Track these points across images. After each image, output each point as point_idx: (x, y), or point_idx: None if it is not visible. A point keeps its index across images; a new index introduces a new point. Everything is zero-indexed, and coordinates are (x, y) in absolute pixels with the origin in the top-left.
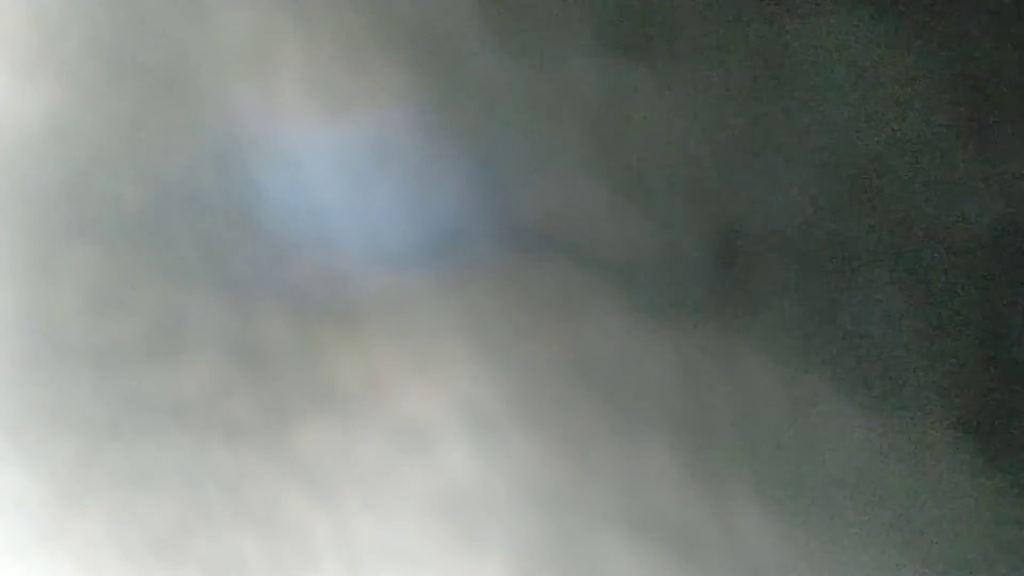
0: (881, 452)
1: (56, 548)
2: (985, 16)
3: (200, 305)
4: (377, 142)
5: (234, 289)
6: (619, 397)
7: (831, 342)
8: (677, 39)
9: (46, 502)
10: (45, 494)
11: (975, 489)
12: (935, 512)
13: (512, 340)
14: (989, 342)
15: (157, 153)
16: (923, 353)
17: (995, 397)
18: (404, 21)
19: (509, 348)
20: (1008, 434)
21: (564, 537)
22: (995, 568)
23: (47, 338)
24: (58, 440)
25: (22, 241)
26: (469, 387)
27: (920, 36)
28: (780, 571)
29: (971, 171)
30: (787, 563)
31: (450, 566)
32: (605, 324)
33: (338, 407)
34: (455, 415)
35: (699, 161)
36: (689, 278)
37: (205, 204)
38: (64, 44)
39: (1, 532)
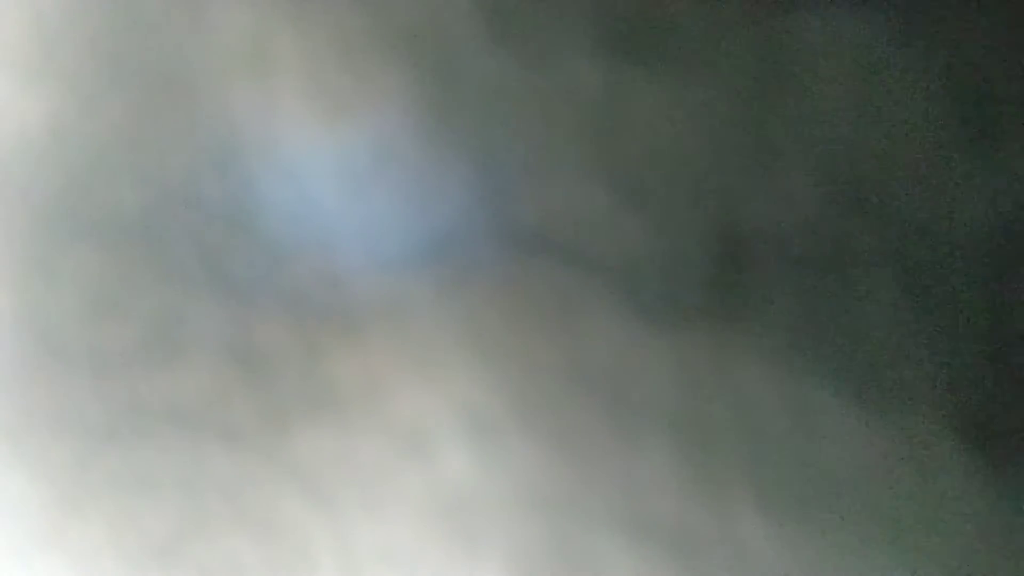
0: (881, 455)
1: (54, 551)
2: (985, 16)
3: (199, 309)
4: (376, 145)
5: (233, 293)
6: (618, 400)
7: (830, 344)
8: (677, 40)
9: (45, 506)
10: (44, 498)
11: (975, 491)
12: (935, 515)
13: (511, 343)
14: (989, 344)
15: (156, 157)
16: (923, 356)
17: (996, 399)
18: (402, 24)
19: (508, 351)
20: (1009, 436)
21: (562, 541)
22: (996, 571)
23: (46, 342)
24: (57, 444)
25: (21, 245)
26: (468, 390)
27: (920, 36)
28: (779, 574)
29: (971, 172)
30: (786, 566)
31: (448, 570)
32: (604, 327)
33: (337, 411)
34: (454, 419)
35: (698, 163)
36: (688, 280)
37: (204, 208)
38: (63, 48)
39: (0, 535)
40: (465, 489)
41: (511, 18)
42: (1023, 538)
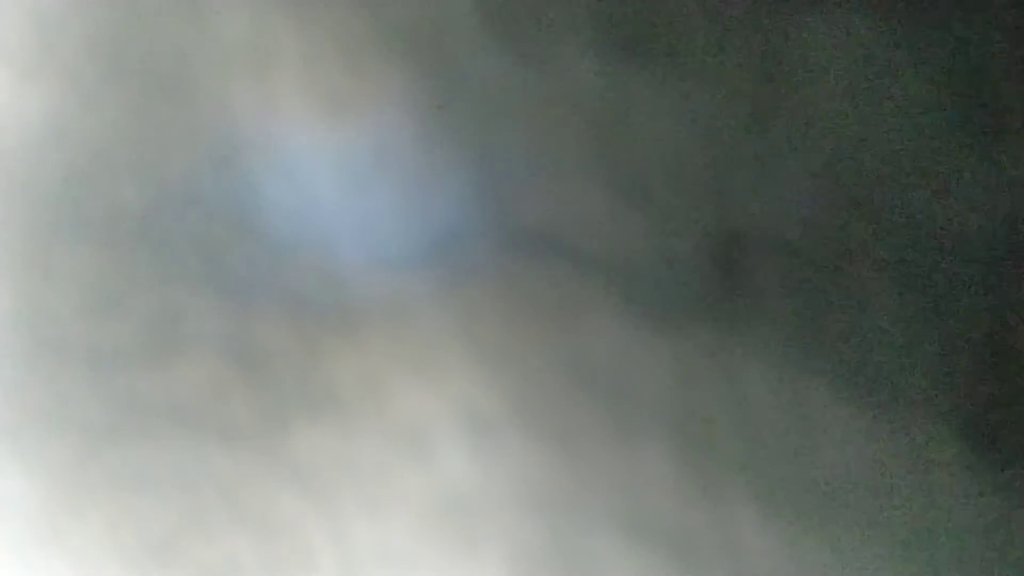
0: (880, 456)
1: (52, 550)
2: (986, 17)
3: (198, 307)
4: (376, 144)
5: (232, 291)
6: (617, 400)
7: (830, 346)
8: (677, 41)
9: (43, 504)
10: (42, 496)
11: (975, 492)
12: (934, 515)
13: (510, 343)
14: (990, 345)
15: (156, 155)
16: (923, 357)
17: (995, 401)
18: (403, 23)
19: (507, 351)
20: (1008, 437)
21: (561, 541)
22: (996, 571)
23: (44, 339)
24: (55, 442)
25: (20, 242)
26: (467, 390)
27: (921, 38)
28: (777, 574)
29: (971, 173)
30: (785, 567)
31: (448, 570)
32: (603, 327)
33: (336, 410)
34: (453, 418)
35: (698, 164)
36: (688, 281)
37: (204, 206)
38: (63, 45)
39: None
40: (464, 489)
41: (511, 18)
42: (1023, 538)
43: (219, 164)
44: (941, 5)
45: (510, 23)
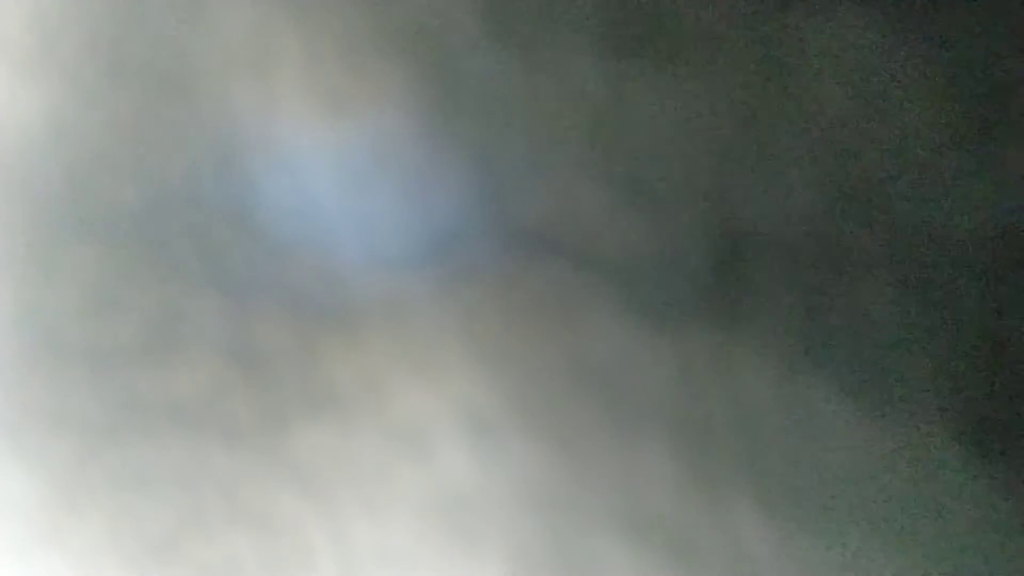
0: (880, 455)
1: (53, 549)
2: (985, 17)
3: (198, 306)
4: (376, 144)
5: (232, 291)
6: (617, 400)
7: (830, 345)
8: (677, 40)
9: (43, 503)
10: (42, 495)
11: (974, 492)
12: (935, 515)
13: (510, 343)
14: (989, 345)
15: (156, 154)
16: (922, 356)
17: (995, 400)
18: (403, 23)
19: (507, 351)
20: (1008, 437)
21: (561, 540)
22: (996, 571)
23: (45, 338)
24: (55, 441)
25: (21, 241)
26: (467, 390)
27: (921, 37)
28: (778, 574)
29: (971, 173)
30: (785, 566)
31: (447, 569)
32: (603, 327)
33: (335, 409)
34: (453, 418)
35: (699, 163)
36: (688, 280)
37: (204, 205)
38: (64, 45)
39: None
40: (464, 489)
41: (512, 18)
42: (1023, 538)
43: (219, 164)
44: (940, 5)
45: (510, 23)
